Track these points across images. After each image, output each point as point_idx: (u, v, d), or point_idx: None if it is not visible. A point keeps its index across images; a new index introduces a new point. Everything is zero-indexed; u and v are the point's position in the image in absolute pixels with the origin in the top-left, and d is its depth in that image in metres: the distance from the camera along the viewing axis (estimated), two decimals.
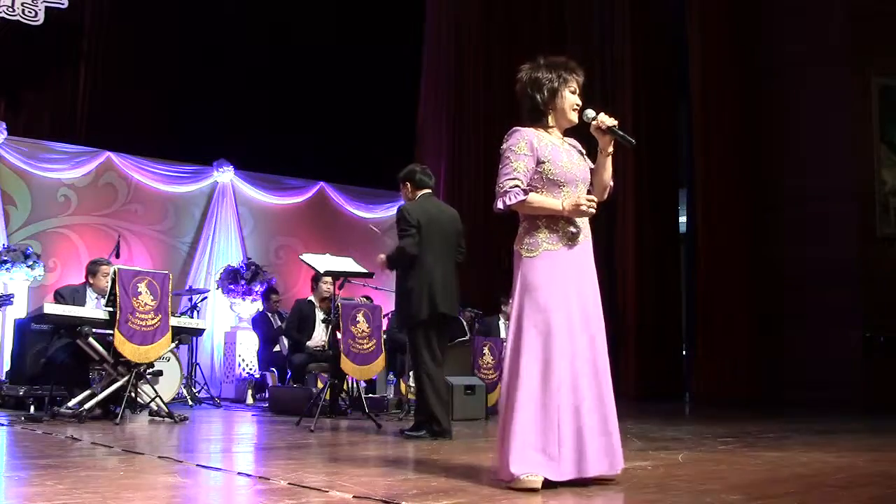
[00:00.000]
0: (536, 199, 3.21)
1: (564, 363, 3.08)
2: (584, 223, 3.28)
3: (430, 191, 5.46)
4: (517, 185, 3.20)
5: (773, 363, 9.93)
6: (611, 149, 3.28)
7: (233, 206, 10.91)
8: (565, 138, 3.40)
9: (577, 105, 3.33)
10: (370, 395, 7.85)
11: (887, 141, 9.82)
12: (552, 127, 3.35)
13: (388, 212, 12.02)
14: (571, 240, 3.21)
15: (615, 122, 3.25)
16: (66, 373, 6.18)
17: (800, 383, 9.51)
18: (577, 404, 3.07)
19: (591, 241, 3.31)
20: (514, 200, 3.20)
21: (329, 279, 7.41)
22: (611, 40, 11.46)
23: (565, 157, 3.28)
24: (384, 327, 7.54)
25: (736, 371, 9.97)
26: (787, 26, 10.43)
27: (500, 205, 3.24)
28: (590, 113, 3.28)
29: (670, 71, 11.49)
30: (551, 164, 3.23)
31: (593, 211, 3.18)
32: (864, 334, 9.35)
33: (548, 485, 2.99)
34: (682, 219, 11.69)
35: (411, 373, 6.89)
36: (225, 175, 10.91)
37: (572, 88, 3.32)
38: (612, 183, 3.39)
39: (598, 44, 11.55)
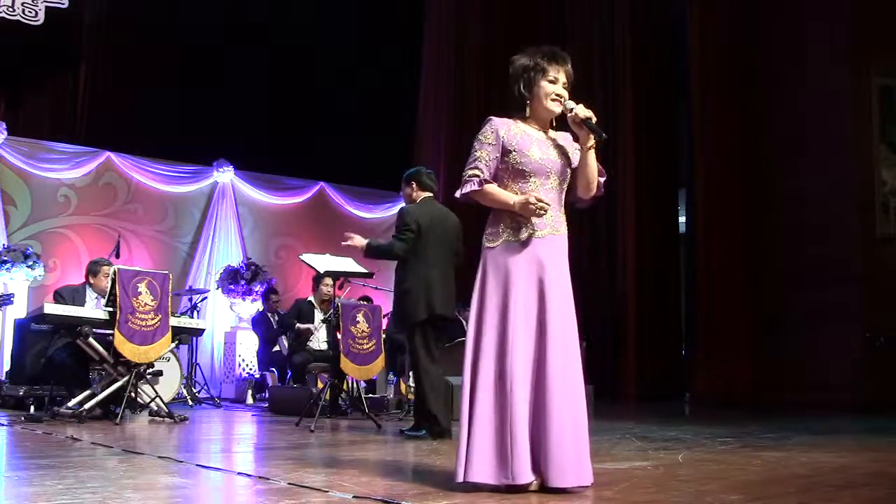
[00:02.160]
0: (492, 190, 3.14)
1: (518, 364, 2.94)
2: (555, 218, 3.14)
3: (431, 194, 5.51)
4: (476, 175, 3.15)
5: (773, 363, 9.91)
6: (590, 143, 3.13)
7: (233, 206, 10.92)
8: (552, 131, 3.27)
9: (557, 95, 3.18)
10: (370, 395, 7.86)
11: (887, 141, 9.80)
12: (530, 118, 3.24)
13: (387, 212, 12.02)
14: (533, 233, 3.09)
15: (588, 114, 3.12)
16: (66, 373, 6.18)
17: (800, 384, 9.50)
18: (529, 408, 2.94)
19: (563, 236, 3.16)
20: (469, 189, 3.16)
21: (330, 281, 7.42)
22: (611, 40, 11.45)
23: (536, 147, 3.15)
24: (384, 327, 7.54)
25: (736, 371, 9.96)
26: (787, 26, 10.42)
27: (458, 193, 3.22)
28: (569, 104, 3.17)
29: (670, 71, 11.49)
30: (518, 153, 3.13)
31: (543, 213, 3.05)
32: (864, 334, 9.34)
33: (517, 489, 2.90)
34: (682, 219, 11.68)
35: (412, 373, 6.91)
36: (225, 175, 10.91)
37: (550, 78, 3.18)
38: (600, 179, 3.22)
39: (598, 44, 11.54)
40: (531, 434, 2.93)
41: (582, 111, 3.12)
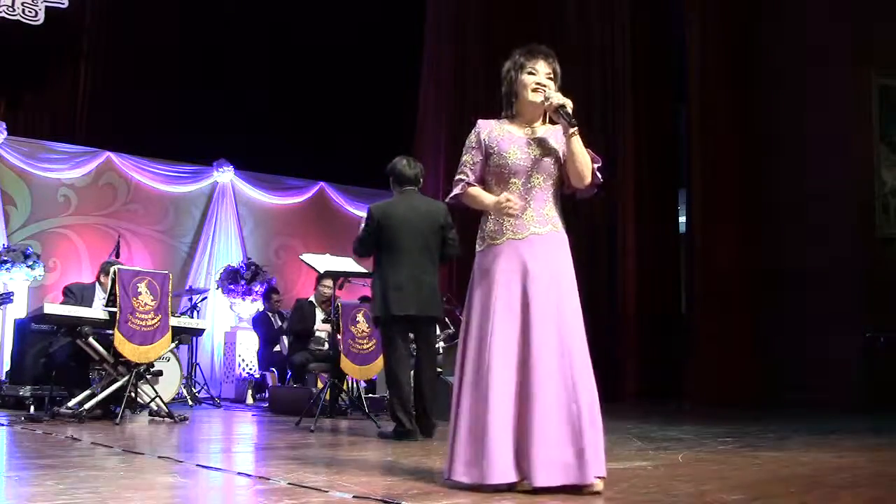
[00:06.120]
0: (475, 193, 3.18)
1: (497, 365, 2.93)
2: (539, 218, 3.10)
3: (413, 187, 5.36)
4: (462, 179, 3.21)
5: (773, 363, 9.91)
6: (571, 130, 3.08)
7: (233, 206, 10.92)
8: (542, 127, 3.20)
9: (537, 83, 3.13)
10: (370, 395, 7.85)
11: (887, 141, 9.80)
12: (517, 116, 3.22)
13: None
14: (514, 235, 3.08)
15: (562, 102, 3.09)
16: (66, 373, 6.19)
17: (800, 384, 9.50)
18: (513, 408, 2.92)
19: (554, 234, 3.11)
20: (455, 193, 3.24)
21: (329, 282, 7.42)
22: (611, 41, 11.45)
23: (515, 147, 3.14)
24: None
25: (736, 371, 9.96)
26: (786, 26, 10.42)
27: (447, 199, 3.32)
28: (550, 94, 3.12)
29: (670, 72, 11.49)
30: (497, 155, 3.15)
31: (512, 213, 3.05)
32: (864, 334, 9.34)
33: (505, 488, 2.89)
34: (682, 219, 11.68)
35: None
36: (225, 175, 10.91)
37: (529, 70, 3.15)
38: (590, 167, 3.12)
39: (598, 44, 11.54)
40: (515, 434, 2.92)
41: (557, 98, 3.11)
